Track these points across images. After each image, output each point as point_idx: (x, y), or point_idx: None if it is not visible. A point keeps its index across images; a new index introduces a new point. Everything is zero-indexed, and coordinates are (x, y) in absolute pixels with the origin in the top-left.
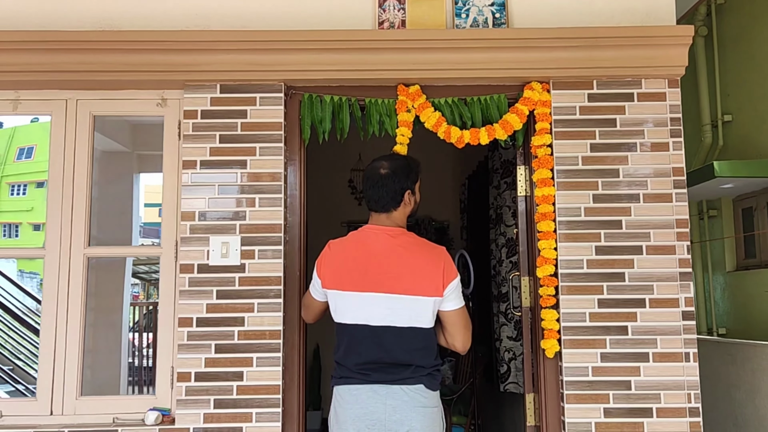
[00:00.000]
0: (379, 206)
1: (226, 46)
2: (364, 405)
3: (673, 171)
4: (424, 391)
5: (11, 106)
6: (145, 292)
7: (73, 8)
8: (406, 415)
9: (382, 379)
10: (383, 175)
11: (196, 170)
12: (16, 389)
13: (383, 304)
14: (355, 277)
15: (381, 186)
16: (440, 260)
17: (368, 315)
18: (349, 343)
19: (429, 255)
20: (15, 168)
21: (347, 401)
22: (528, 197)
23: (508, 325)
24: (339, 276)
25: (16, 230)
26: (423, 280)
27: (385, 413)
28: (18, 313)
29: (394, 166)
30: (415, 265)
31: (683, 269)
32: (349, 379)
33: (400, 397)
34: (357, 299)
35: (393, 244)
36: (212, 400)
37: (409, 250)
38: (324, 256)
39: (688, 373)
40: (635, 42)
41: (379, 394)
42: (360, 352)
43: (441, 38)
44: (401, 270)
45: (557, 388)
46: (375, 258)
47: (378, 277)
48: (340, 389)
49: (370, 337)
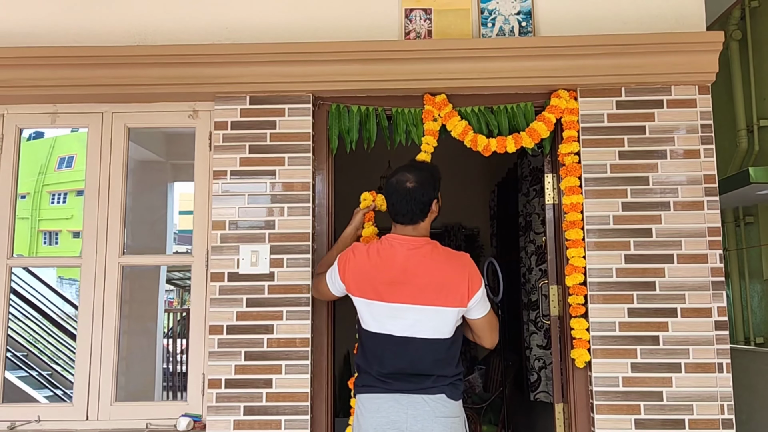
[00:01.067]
0: (406, 219)
1: (255, 58)
2: (385, 414)
3: (704, 178)
4: (446, 400)
5: (50, 120)
6: (179, 299)
7: (107, 23)
8: (427, 425)
9: (404, 388)
10: (411, 189)
11: (226, 180)
12: (55, 394)
13: (408, 316)
14: (380, 288)
15: (410, 200)
16: (465, 270)
17: (392, 326)
18: (372, 351)
19: (454, 265)
20: (56, 177)
21: (369, 410)
22: (556, 205)
23: (538, 334)
24: (364, 285)
25: (56, 238)
26: (448, 290)
27: (406, 422)
28: (57, 319)
29: (420, 178)
30: (440, 275)
31: (716, 278)
32: (371, 387)
33: (421, 406)
34: (382, 309)
35: (418, 255)
36: (242, 407)
37: (434, 260)
38: (349, 261)
39: (721, 384)
40: (664, 48)
41: (401, 404)
42: (383, 362)
43: (467, 47)
44: (426, 281)
45: (587, 399)
46: (400, 268)
47: (403, 287)
48: (362, 398)
49: (393, 347)
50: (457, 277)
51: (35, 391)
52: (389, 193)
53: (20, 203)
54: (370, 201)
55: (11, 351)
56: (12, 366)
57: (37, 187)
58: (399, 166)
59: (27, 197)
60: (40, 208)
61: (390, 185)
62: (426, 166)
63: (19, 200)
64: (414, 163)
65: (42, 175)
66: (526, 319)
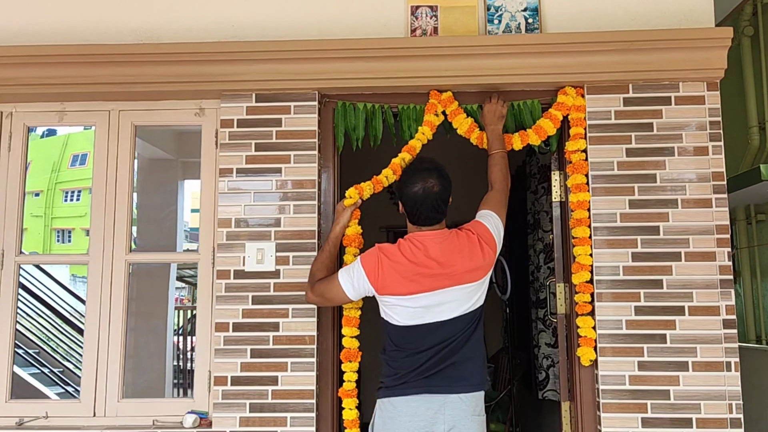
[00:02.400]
0: (435, 221)
1: (261, 56)
2: (422, 417)
3: (712, 176)
4: (479, 397)
5: (57, 118)
6: (190, 296)
7: (115, 22)
8: (463, 423)
9: (439, 384)
10: (439, 192)
11: (232, 178)
12: (66, 391)
13: (447, 298)
14: (422, 281)
15: (440, 202)
16: (473, 237)
17: (431, 315)
18: (406, 343)
19: (466, 239)
20: (69, 175)
21: (401, 413)
22: (563, 203)
23: (546, 332)
24: (405, 282)
25: (69, 236)
26: (476, 266)
27: (444, 424)
28: (69, 317)
29: (442, 180)
30: (468, 257)
31: (724, 276)
32: (403, 389)
33: (458, 406)
34: (422, 300)
35: (448, 246)
36: (248, 404)
37: (460, 246)
38: (382, 263)
39: (729, 383)
40: (672, 45)
41: (435, 404)
42: (417, 350)
43: (473, 45)
44: (459, 266)
45: (593, 397)
46: (436, 261)
47: (442, 277)
48: (393, 401)
49: (428, 334)
50: (477, 251)
51: (47, 388)
52: (417, 202)
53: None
54: (356, 198)
55: (23, 348)
56: (24, 363)
57: (50, 185)
58: (411, 171)
59: (40, 195)
60: (53, 206)
61: (415, 196)
62: (437, 165)
63: (33, 198)
64: (429, 165)
65: (55, 172)
66: (534, 317)
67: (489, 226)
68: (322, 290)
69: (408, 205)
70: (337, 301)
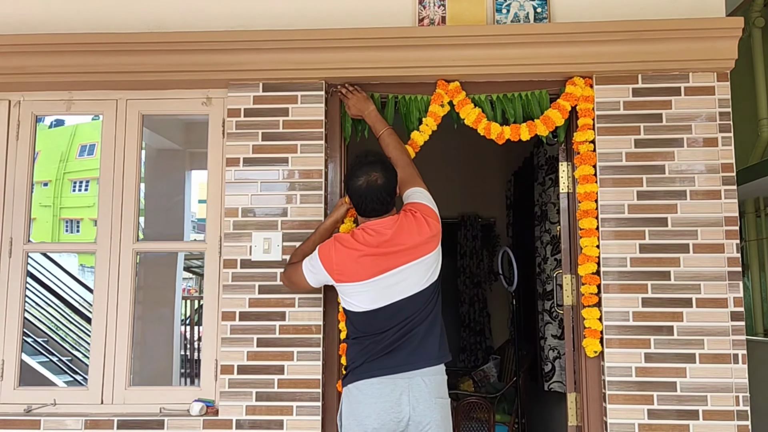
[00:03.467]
0: (381, 212)
1: (268, 45)
2: (387, 399)
3: (722, 167)
4: (441, 376)
5: (65, 107)
6: (197, 287)
7: (122, 10)
8: (429, 406)
9: (402, 362)
10: (382, 185)
11: (239, 167)
12: (74, 379)
13: (403, 276)
14: (378, 261)
15: (385, 194)
16: (417, 213)
17: (389, 296)
18: (367, 326)
19: (412, 218)
20: (77, 165)
21: (367, 395)
22: (570, 194)
23: (552, 324)
24: (358, 268)
25: (78, 226)
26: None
27: (408, 406)
28: (77, 306)
29: (385, 172)
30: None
31: (732, 268)
32: (368, 372)
33: (421, 389)
34: (382, 281)
35: (396, 227)
36: (254, 393)
37: (409, 226)
38: (336, 251)
39: (736, 375)
40: (682, 35)
41: (401, 387)
42: (378, 330)
43: (481, 34)
44: (410, 243)
45: (599, 388)
46: (387, 241)
47: (396, 255)
48: (359, 384)
49: (388, 314)
50: (424, 224)
51: (55, 376)
52: (361, 196)
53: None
54: None
55: (32, 336)
56: (33, 351)
57: (58, 175)
58: (356, 165)
59: (49, 185)
60: (62, 196)
61: (359, 189)
62: (379, 157)
63: (42, 188)
64: (373, 158)
65: (63, 162)
66: (540, 309)
67: (423, 200)
68: (289, 274)
69: (354, 198)
70: (300, 287)
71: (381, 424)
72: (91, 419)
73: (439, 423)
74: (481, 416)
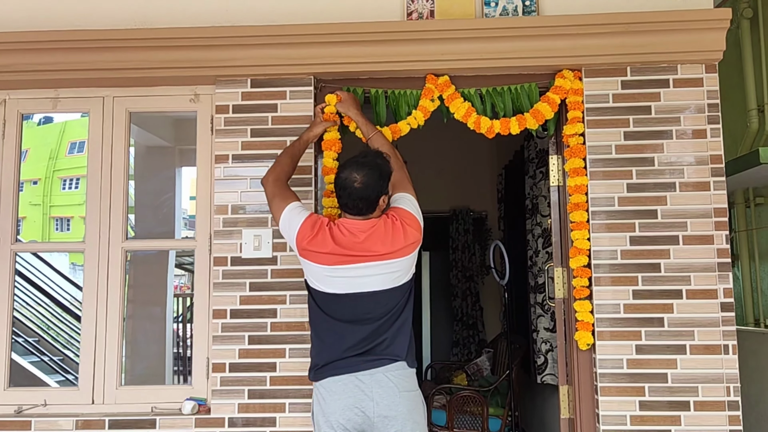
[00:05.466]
0: (354, 212)
1: (256, 41)
2: (351, 395)
3: (710, 159)
4: (405, 370)
5: (51, 104)
6: (190, 284)
7: (108, 7)
8: (394, 401)
9: (364, 361)
10: (358, 189)
11: (228, 164)
12: (66, 379)
13: (366, 272)
14: (339, 258)
15: (356, 198)
16: (397, 222)
17: (350, 286)
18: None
19: (391, 225)
20: (67, 162)
21: (332, 392)
22: (561, 187)
23: (544, 316)
24: (322, 257)
25: (68, 224)
26: (401, 247)
27: (372, 401)
28: (68, 306)
29: (368, 177)
30: (392, 241)
31: (722, 259)
32: (331, 371)
33: (385, 383)
34: (342, 271)
35: (374, 234)
36: (246, 391)
37: (386, 232)
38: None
39: (727, 366)
40: (670, 27)
41: (365, 384)
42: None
43: (470, 28)
44: (382, 249)
45: (591, 381)
46: (358, 244)
47: (364, 252)
48: (324, 383)
49: (348, 303)
50: (399, 234)
51: (47, 376)
52: (338, 187)
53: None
54: (333, 106)
55: (23, 336)
56: (24, 351)
57: (48, 173)
58: (349, 160)
59: (38, 183)
60: (52, 194)
61: (339, 180)
62: (376, 163)
63: (31, 186)
64: (365, 159)
65: (53, 160)
66: (533, 302)
67: (407, 207)
68: (272, 195)
69: (335, 188)
70: (272, 213)
71: (347, 420)
72: (82, 419)
73: (406, 416)
74: (475, 410)
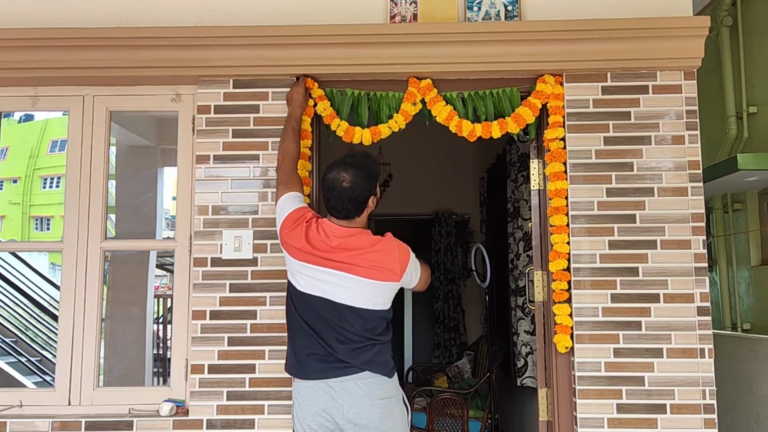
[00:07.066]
0: (342, 215)
1: (238, 41)
2: (321, 402)
3: (689, 164)
4: (380, 380)
5: (30, 102)
6: (171, 284)
7: (89, 5)
8: (364, 409)
9: (337, 368)
10: (346, 188)
11: (209, 165)
12: (44, 380)
13: (341, 283)
14: (315, 258)
15: (344, 199)
16: (392, 249)
17: (325, 290)
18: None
19: (383, 245)
20: (48, 161)
21: (305, 398)
22: (541, 191)
23: (525, 320)
24: (300, 253)
25: (48, 223)
26: (381, 268)
27: (342, 408)
28: (47, 306)
29: (356, 177)
30: (371, 254)
31: (699, 264)
32: (305, 373)
33: (355, 392)
34: (316, 273)
35: (351, 239)
36: (225, 392)
37: (365, 243)
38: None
39: (703, 369)
40: (650, 33)
41: (335, 390)
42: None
43: (453, 32)
44: (358, 258)
45: (570, 383)
46: (334, 247)
47: (337, 263)
48: (298, 385)
49: (325, 309)
50: (387, 256)
51: (24, 377)
52: (325, 188)
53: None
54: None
55: (0, 337)
56: (1, 352)
57: (28, 171)
58: (337, 160)
59: (18, 182)
60: (32, 193)
61: (327, 182)
62: (364, 162)
63: (11, 185)
64: (352, 159)
65: (33, 158)
66: (513, 305)
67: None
68: (278, 182)
69: (323, 191)
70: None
71: (318, 425)
72: (58, 421)
73: (377, 424)
74: (455, 412)
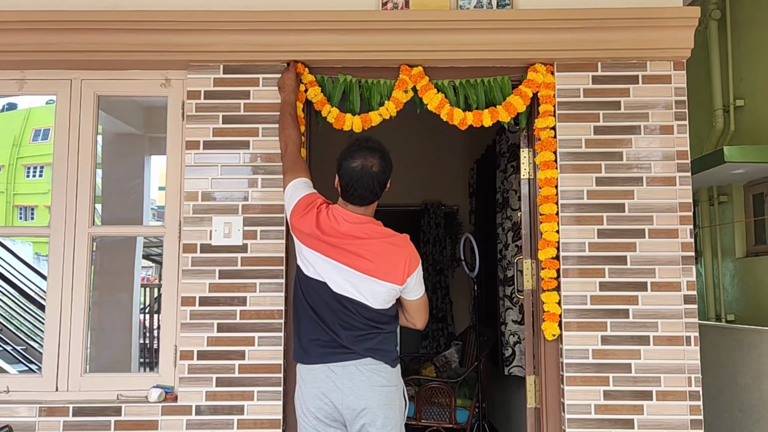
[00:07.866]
0: (366, 201)
1: (229, 26)
2: (321, 385)
3: (677, 154)
4: (382, 367)
5: (17, 86)
6: (157, 275)
7: None
8: (363, 394)
9: (339, 352)
10: (377, 173)
11: (199, 151)
12: (29, 368)
13: (346, 277)
14: (323, 247)
15: (376, 184)
16: (404, 250)
17: (331, 279)
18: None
19: (393, 243)
20: (31, 150)
21: (306, 381)
22: (531, 180)
23: (513, 309)
24: (309, 239)
25: (32, 213)
26: (386, 266)
27: (341, 393)
28: (33, 295)
29: (383, 162)
30: (379, 251)
31: (686, 253)
32: (307, 357)
33: (356, 377)
34: (323, 263)
35: (361, 229)
36: (214, 378)
37: (374, 236)
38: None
39: (689, 357)
40: (641, 23)
41: (336, 374)
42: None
43: (444, 19)
44: (365, 252)
45: (557, 371)
46: (342, 236)
47: (344, 253)
48: (300, 369)
49: (328, 298)
50: (396, 255)
51: (9, 365)
52: (352, 178)
53: None
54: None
55: None
56: None
57: (11, 160)
58: (352, 148)
59: (2, 170)
60: (15, 182)
61: (351, 171)
62: (380, 146)
63: None
64: (371, 144)
65: (16, 147)
66: (501, 294)
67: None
68: (284, 170)
69: (344, 179)
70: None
71: (317, 408)
72: (45, 407)
73: (376, 410)
74: (443, 401)
